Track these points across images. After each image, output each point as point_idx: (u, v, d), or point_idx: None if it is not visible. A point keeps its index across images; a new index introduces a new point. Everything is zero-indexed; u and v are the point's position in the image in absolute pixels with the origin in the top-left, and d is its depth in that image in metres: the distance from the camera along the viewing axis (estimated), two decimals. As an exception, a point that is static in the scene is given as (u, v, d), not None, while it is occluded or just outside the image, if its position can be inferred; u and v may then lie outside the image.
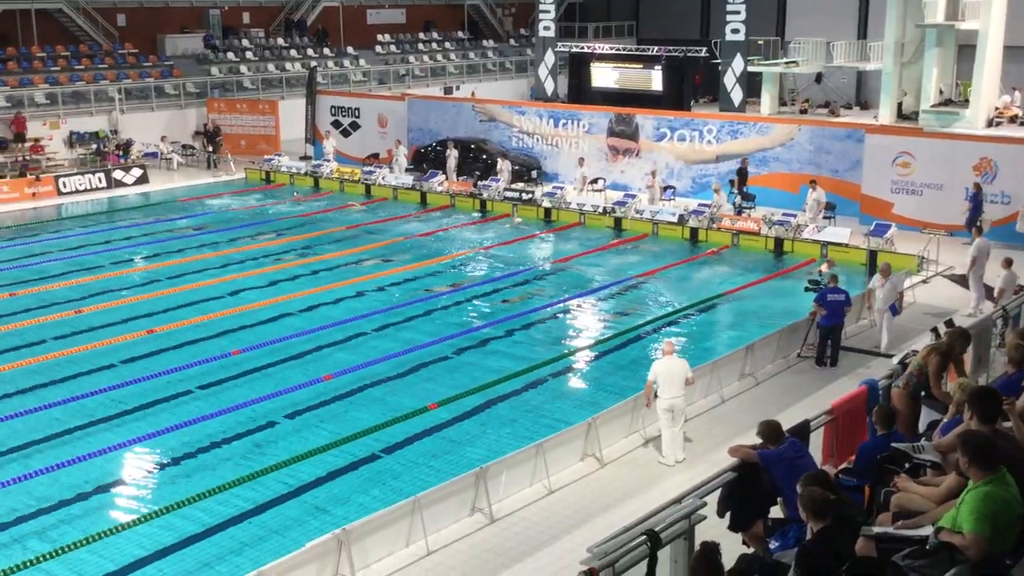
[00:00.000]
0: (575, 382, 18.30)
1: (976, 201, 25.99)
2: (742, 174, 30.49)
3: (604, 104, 37.80)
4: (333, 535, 11.37)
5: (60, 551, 11.99)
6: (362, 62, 50.31)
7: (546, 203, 31.16)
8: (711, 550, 6.79)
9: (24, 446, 15.13)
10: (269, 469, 14.11)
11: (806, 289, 19.52)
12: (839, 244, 25.59)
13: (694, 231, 28.03)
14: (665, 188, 32.12)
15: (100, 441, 15.23)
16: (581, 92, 42.77)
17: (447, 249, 27.55)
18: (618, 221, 29.49)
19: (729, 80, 41.14)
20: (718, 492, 8.82)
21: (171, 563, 12.08)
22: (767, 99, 41.89)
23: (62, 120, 38.25)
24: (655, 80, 41.07)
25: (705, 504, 7.86)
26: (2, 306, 21.77)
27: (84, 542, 12.22)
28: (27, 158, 35.96)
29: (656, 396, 14.41)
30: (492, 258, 26.64)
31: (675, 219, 28.70)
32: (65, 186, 34.52)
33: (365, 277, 24.36)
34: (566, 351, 19.52)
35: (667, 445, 14.46)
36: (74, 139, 38.22)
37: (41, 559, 11.85)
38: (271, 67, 46.99)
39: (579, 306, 22.50)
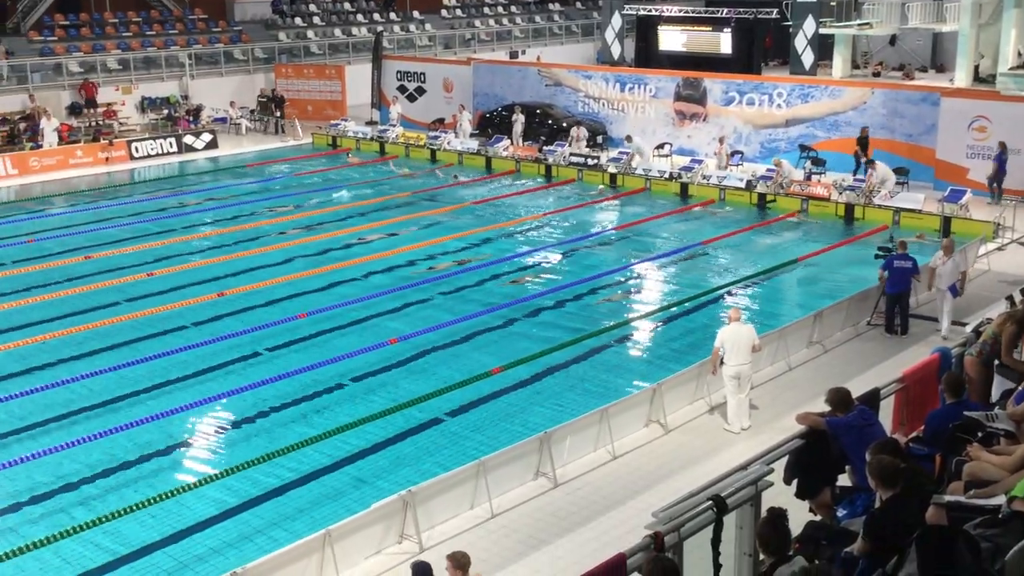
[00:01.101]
0: (639, 348, 18.21)
1: (1000, 160, 25.80)
2: (863, 142, 29.36)
3: (671, 68, 37.30)
4: (399, 496, 11.50)
5: (131, 508, 12.27)
6: (428, 27, 50.25)
7: (611, 169, 30.93)
8: (779, 515, 6.73)
9: (97, 406, 15.50)
10: (335, 431, 14.26)
11: (876, 256, 19.15)
12: (912, 210, 25.03)
13: (762, 197, 27.64)
14: (733, 153, 31.70)
15: (173, 401, 15.55)
16: (648, 56, 42.23)
17: (511, 215, 27.52)
18: (684, 187, 29.18)
19: (800, 42, 40.27)
20: (785, 459, 8.74)
21: (238, 523, 12.33)
22: (839, 62, 40.99)
23: (134, 85, 38.85)
24: (724, 43, 40.38)
25: (772, 471, 7.77)
26: (76, 269, 22.24)
27: (155, 499, 12.50)
28: (100, 123, 36.62)
29: (722, 363, 14.31)
30: (556, 224, 26.54)
31: (743, 185, 28.33)
32: (137, 151, 35.09)
33: (428, 242, 24.44)
34: (630, 317, 19.43)
35: (732, 412, 14.37)
36: (146, 104, 38.83)
37: (114, 515, 12.15)
38: (338, 32, 47.15)
39: (644, 272, 22.35)
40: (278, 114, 39.53)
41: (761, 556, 6.90)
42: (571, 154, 32.08)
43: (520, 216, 27.24)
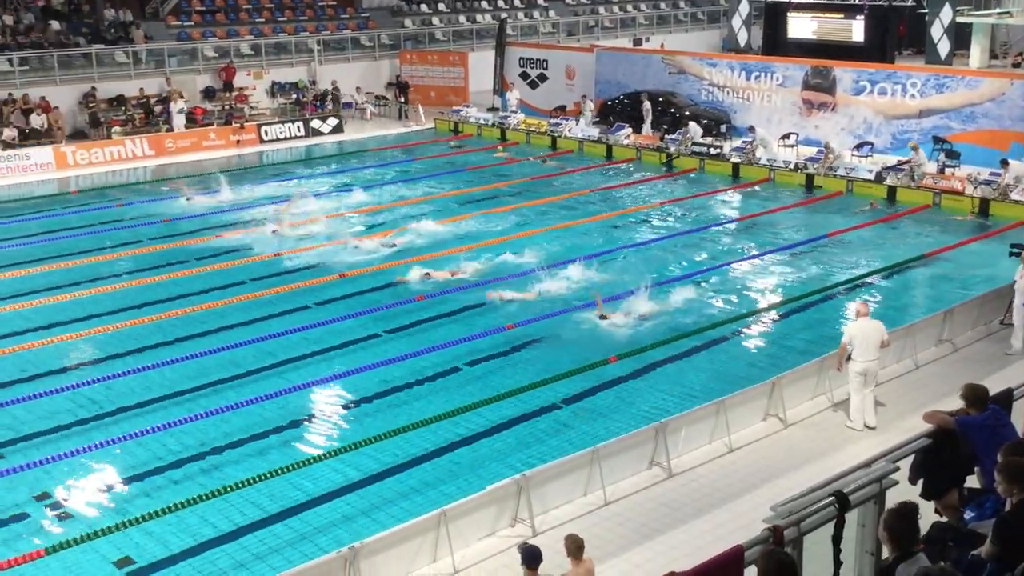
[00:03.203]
0: (759, 340, 17.89)
1: None
2: None
3: (800, 56, 36.44)
4: (513, 480, 11.57)
5: (253, 480, 12.64)
6: (552, 13, 50.23)
7: (735, 158, 30.43)
8: (910, 508, 6.50)
9: (224, 380, 16.00)
10: (451, 413, 14.41)
11: (1011, 254, 18.41)
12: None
13: (891, 189, 26.83)
14: (861, 144, 30.85)
15: (298, 377, 15.97)
16: (776, 43, 41.38)
17: (631, 203, 27.35)
18: (810, 178, 28.53)
19: (936, 31, 38.89)
20: (911, 458, 8.47)
21: (354, 499, 12.57)
22: (977, 52, 39.51)
23: (265, 70, 39.88)
24: (856, 31, 39.27)
25: (897, 469, 7.54)
26: (209, 248, 22.97)
27: (277, 472, 12.82)
28: (232, 107, 37.73)
29: (849, 359, 13.93)
30: (675, 213, 26.28)
31: (872, 176, 27.54)
32: (267, 134, 36.05)
33: (542, 229, 24.46)
34: (751, 309, 19.11)
35: (856, 409, 14.00)
36: (275, 89, 39.83)
37: (238, 486, 12.53)
38: (462, 19, 47.52)
39: (765, 264, 21.93)
40: (403, 100, 40.08)
41: (885, 553, 6.71)
42: (693, 143, 31.67)
43: (638, 205, 27.03)
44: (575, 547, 9.26)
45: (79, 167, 31.93)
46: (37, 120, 33.14)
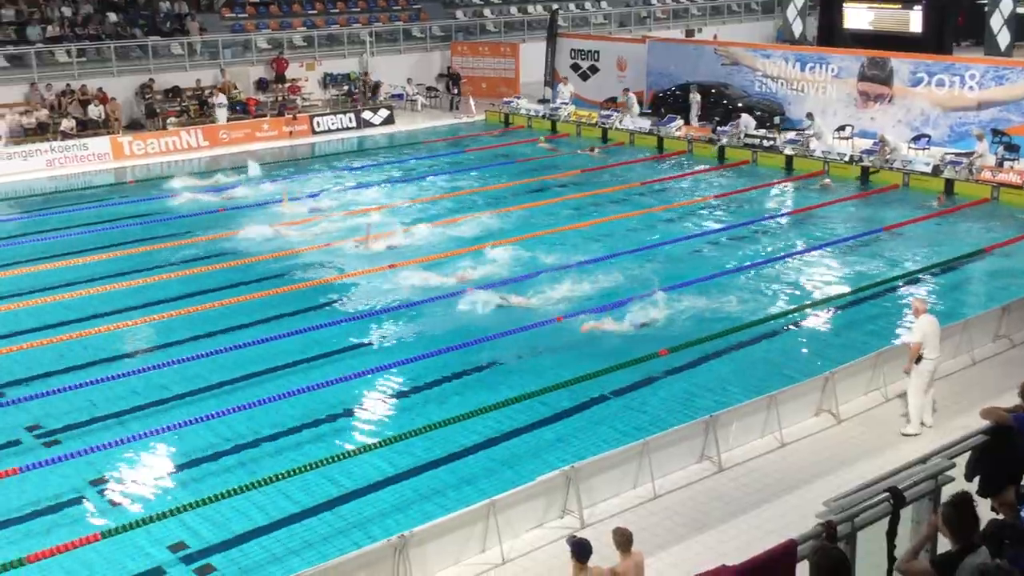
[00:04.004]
0: (813, 335, 17.69)
1: None
2: None
3: (856, 47, 35.90)
4: (562, 472, 11.55)
5: (304, 468, 12.76)
6: (603, 4, 50.01)
7: (788, 151, 30.10)
8: (964, 499, 6.40)
9: (277, 369, 16.16)
10: (500, 404, 14.42)
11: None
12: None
13: (949, 183, 26.39)
14: (919, 136, 30.37)
15: (348, 367, 16.08)
16: (832, 34, 40.81)
17: (682, 196, 27.17)
18: (865, 171, 28.14)
19: (996, 22, 38.10)
20: (967, 455, 8.34)
21: (404, 489, 12.62)
22: (1038, 43, 38.67)
23: (318, 62, 40.16)
24: (914, 21, 38.59)
25: (954, 465, 7.45)
26: (254, 241, 23.21)
27: (326, 461, 12.95)
28: (285, 98, 38.04)
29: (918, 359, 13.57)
30: (726, 206, 26.06)
31: (929, 169, 27.10)
32: (319, 125, 36.32)
33: (597, 220, 24.39)
34: (804, 303, 18.89)
35: (916, 414, 13.58)
36: (327, 80, 40.09)
37: (288, 474, 12.66)
38: (514, 10, 47.47)
39: (819, 258, 21.66)
40: (455, 91, 40.13)
41: (941, 548, 6.61)
42: (746, 135, 31.36)
43: (690, 198, 26.85)
44: (624, 540, 9.23)
45: (135, 157, 32.42)
46: (95, 111, 33.67)
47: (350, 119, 36.97)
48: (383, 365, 16.12)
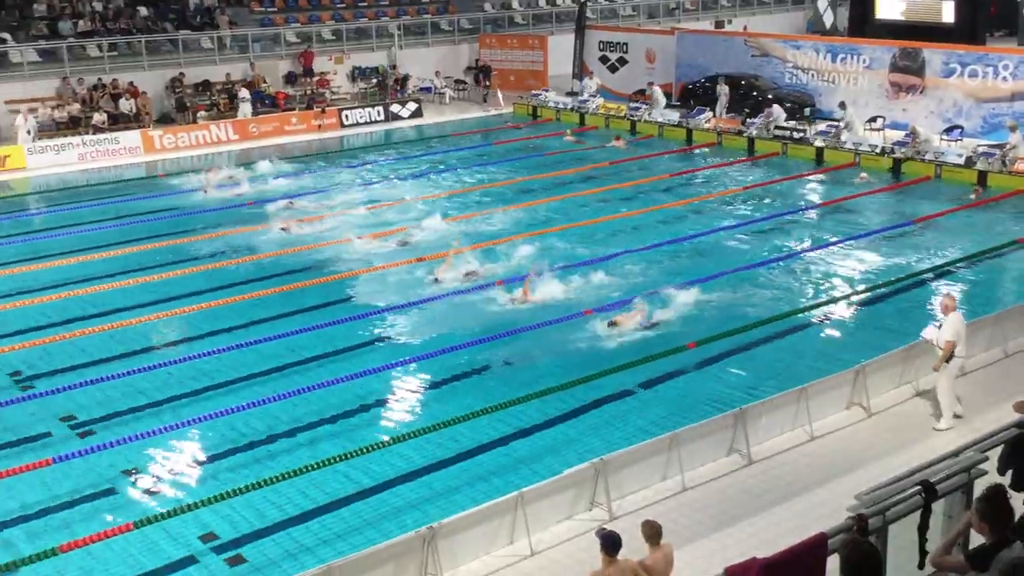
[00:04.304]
0: (843, 327, 17.57)
1: None
2: None
3: (888, 37, 35.58)
4: (590, 464, 11.55)
5: (334, 459, 12.83)
6: (632, -4, 49.84)
7: (819, 142, 29.87)
8: (997, 491, 6.33)
9: (309, 360, 16.25)
10: (526, 398, 14.42)
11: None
12: None
13: (982, 175, 26.10)
14: (951, 128, 30.06)
15: (378, 358, 16.17)
16: (863, 24, 40.46)
17: (711, 188, 27.05)
18: (897, 162, 27.88)
19: (1030, 11, 37.75)
20: (1000, 449, 8.26)
21: (435, 480, 12.66)
22: (1073, 32, 38.16)
23: (346, 55, 40.26)
24: (946, 11, 38.20)
25: (986, 459, 7.38)
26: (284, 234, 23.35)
27: (357, 452, 13.01)
28: (314, 92, 38.17)
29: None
30: (756, 199, 25.91)
31: (961, 161, 26.83)
32: (347, 119, 36.42)
33: (628, 213, 24.33)
34: (834, 296, 18.77)
35: (949, 410, 13.47)
36: (356, 74, 40.18)
37: (319, 465, 12.74)
38: (542, 2, 47.39)
39: (850, 249, 21.47)
40: (486, 83, 40.07)
41: (984, 540, 6.53)
42: (776, 127, 31.16)
43: (719, 190, 26.73)
44: (653, 533, 9.20)
45: (166, 151, 32.66)
46: (126, 105, 33.93)
47: (378, 112, 37.06)
48: (414, 357, 16.17)
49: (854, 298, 18.66)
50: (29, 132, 31.18)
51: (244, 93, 35.47)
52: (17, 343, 16.92)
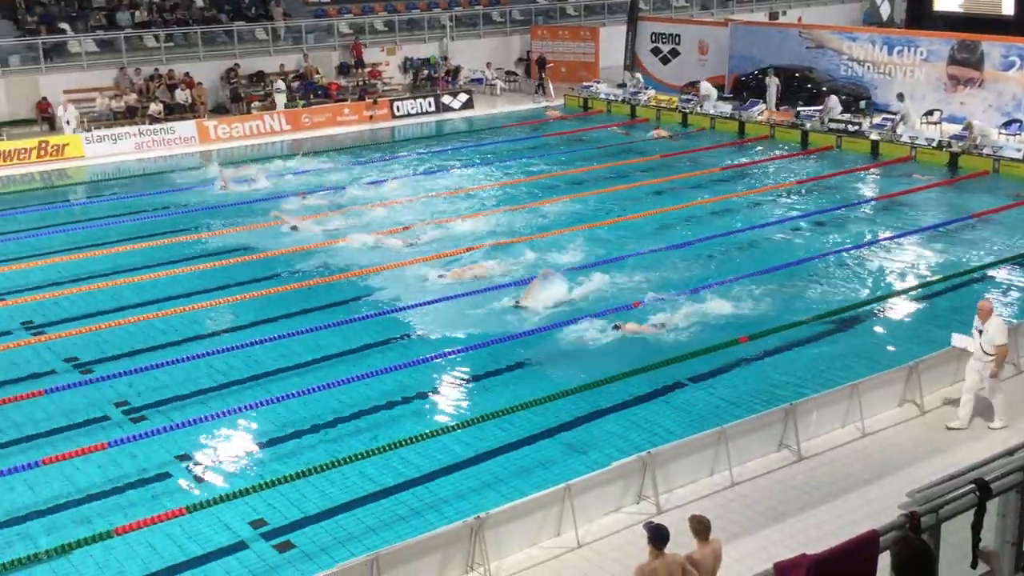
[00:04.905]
0: (898, 323, 17.34)
1: None
2: None
3: (946, 30, 34.98)
4: (638, 457, 11.51)
5: (379, 450, 12.94)
6: (685, -12, 49.43)
7: (874, 136, 29.46)
8: None
9: (357, 350, 16.38)
10: (573, 390, 14.42)
11: None
12: None
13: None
14: (1010, 122, 29.51)
15: (425, 349, 16.24)
16: (921, 16, 39.83)
17: (764, 181, 26.80)
18: (954, 157, 27.42)
19: (1093, 2, 36.86)
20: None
21: (481, 472, 12.68)
22: None
23: (398, 46, 40.40)
24: (1006, 4, 37.48)
25: (1043, 458, 7.22)
26: (330, 224, 23.46)
27: (402, 443, 13.08)
28: (366, 83, 38.37)
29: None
30: (809, 193, 25.62)
31: (1019, 155, 26.32)
32: (399, 110, 36.58)
33: (680, 205, 24.19)
34: (889, 291, 18.53)
35: (1003, 407, 13.28)
36: (408, 65, 40.31)
37: (368, 454, 12.86)
38: (594, -7, 47.19)
39: (906, 244, 21.19)
40: (541, 75, 39.96)
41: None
42: (830, 120, 30.76)
43: (772, 183, 26.47)
44: (702, 527, 9.15)
45: (220, 141, 33.02)
46: (181, 95, 34.35)
47: (429, 103, 37.17)
48: (459, 349, 16.20)
49: (909, 294, 18.41)
50: (69, 123, 31.51)
51: (280, 84, 35.68)
52: (73, 328, 17.23)
